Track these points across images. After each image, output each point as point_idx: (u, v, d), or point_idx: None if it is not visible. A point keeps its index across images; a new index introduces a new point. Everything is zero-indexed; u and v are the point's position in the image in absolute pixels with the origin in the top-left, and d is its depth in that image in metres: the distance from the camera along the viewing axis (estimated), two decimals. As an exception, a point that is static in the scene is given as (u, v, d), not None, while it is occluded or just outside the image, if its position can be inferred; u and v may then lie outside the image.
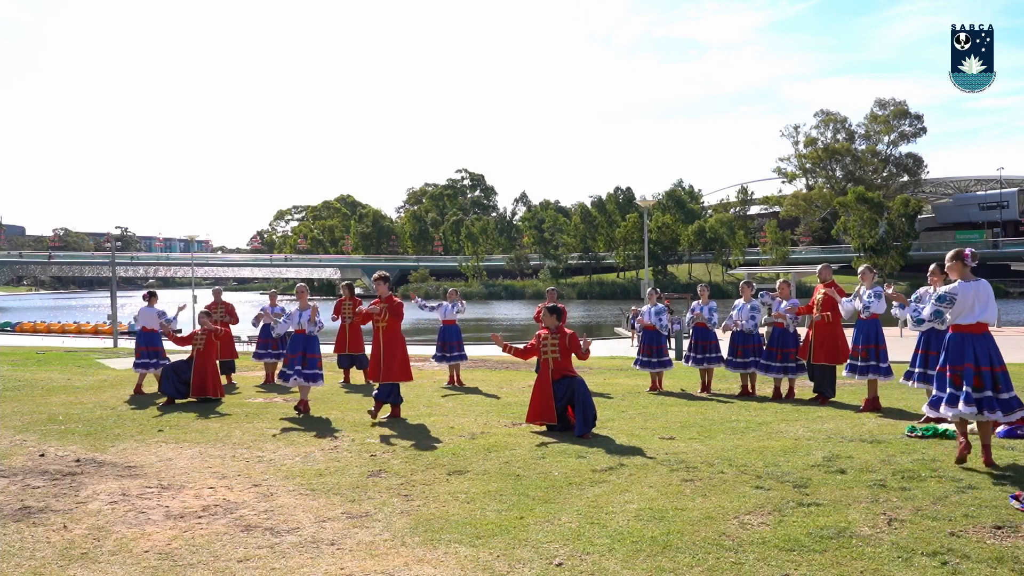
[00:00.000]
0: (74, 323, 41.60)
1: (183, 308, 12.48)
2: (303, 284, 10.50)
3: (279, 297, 15.22)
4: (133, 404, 10.58)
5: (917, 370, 8.30)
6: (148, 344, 11.91)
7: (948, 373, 6.26)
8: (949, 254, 6.39)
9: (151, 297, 12.26)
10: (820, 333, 10.00)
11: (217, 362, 11.66)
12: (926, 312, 6.46)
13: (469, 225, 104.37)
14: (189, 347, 11.17)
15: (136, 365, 11.94)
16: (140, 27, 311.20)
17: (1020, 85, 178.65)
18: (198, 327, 11.27)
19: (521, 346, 8.97)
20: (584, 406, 8.07)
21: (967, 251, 6.26)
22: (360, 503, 5.56)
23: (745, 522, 4.90)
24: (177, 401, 10.68)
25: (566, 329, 8.54)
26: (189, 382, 10.80)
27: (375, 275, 9.54)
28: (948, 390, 6.25)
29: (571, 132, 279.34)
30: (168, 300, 15.02)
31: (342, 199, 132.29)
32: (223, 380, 12.75)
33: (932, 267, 8.30)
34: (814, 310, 10.14)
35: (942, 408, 6.29)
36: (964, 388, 6.11)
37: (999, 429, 7.36)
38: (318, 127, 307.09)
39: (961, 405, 6.07)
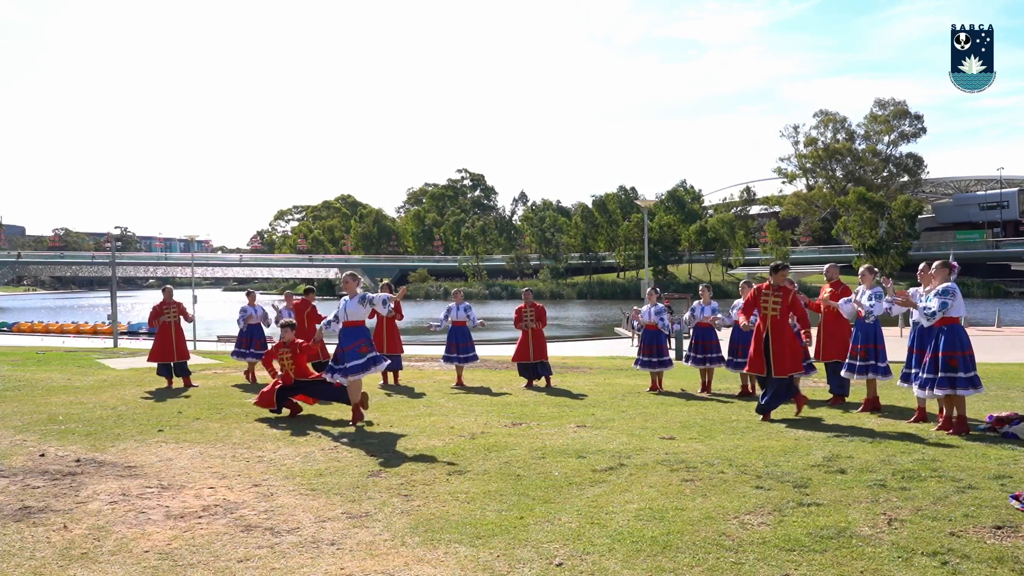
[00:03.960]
0: (73, 323, 41.63)
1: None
2: (351, 273, 9.70)
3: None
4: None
5: (915, 371, 8.26)
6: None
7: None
8: (937, 262, 7.90)
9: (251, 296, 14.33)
10: (829, 330, 9.98)
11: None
12: (935, 305, 7.63)
13: (469, 225, 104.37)
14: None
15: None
16: (140, 27, 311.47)
17: (1020, 85, 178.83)
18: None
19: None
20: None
21: (954, 262, 7.86)
22: (360, 503, 5.56)
23: (745, 522, 4.90)
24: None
25: (790, 287, 8.74)
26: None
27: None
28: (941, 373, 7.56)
29: (571, 132, 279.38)
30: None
31: (342, 199, 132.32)
32: (181, 383, 12.78)
33: (922, 266, 8.29)
34: (821, 308, 10.09)
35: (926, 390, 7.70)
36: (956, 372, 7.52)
37: (1004, 428, 7.40)
38: (318, 127, 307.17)
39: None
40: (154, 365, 12.94)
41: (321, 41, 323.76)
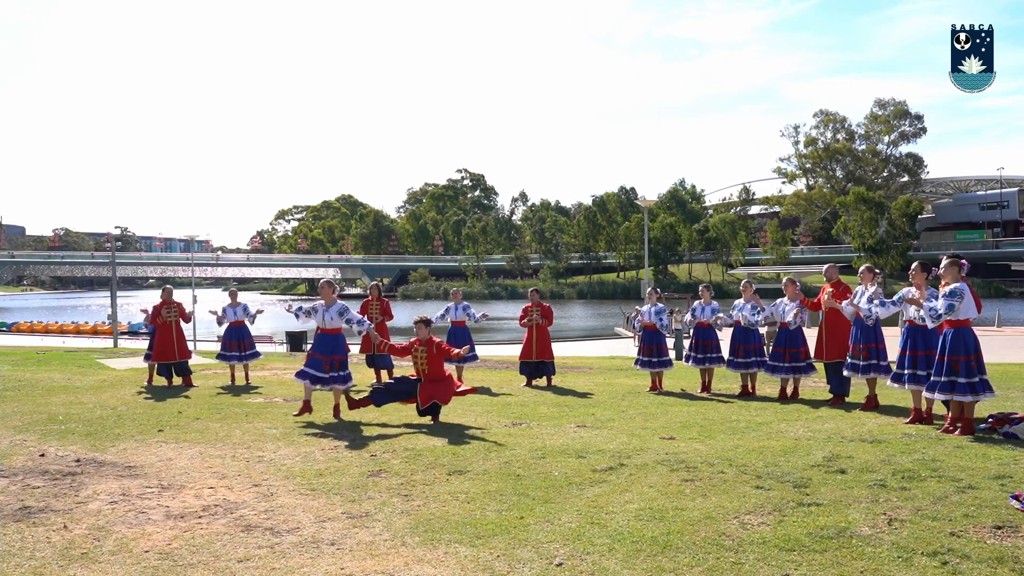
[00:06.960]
0: (73, 323, 41.62)
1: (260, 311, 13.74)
2: (327, 280, 10.08)
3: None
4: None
5: (907, 371, 8.24)
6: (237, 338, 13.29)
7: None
8: (945, 260, 7.57)
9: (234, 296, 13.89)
10: (830, 330, 9.97)
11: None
12: (941, 307, 7.42)
13: (470, 226, 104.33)
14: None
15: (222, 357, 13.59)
16: (140, 26, 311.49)
17: (1020, 85, 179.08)
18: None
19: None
20: None
21: (964, 260, 7.59)
22: (360, 503, 5.56)
23: (745, 522, 4.90)
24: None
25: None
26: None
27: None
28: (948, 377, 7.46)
29: (571, 132, 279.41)
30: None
31: (342, 199, 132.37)
32: (179, 382, 12.87)
33: (914, 266, 8.23)
34: (821, 308, 10.08)
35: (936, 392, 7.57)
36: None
37: (1004, 428, 7.39)
38: (318, 127, 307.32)
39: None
40: (155, 365, 12.95)
41: (321, 41, 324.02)
